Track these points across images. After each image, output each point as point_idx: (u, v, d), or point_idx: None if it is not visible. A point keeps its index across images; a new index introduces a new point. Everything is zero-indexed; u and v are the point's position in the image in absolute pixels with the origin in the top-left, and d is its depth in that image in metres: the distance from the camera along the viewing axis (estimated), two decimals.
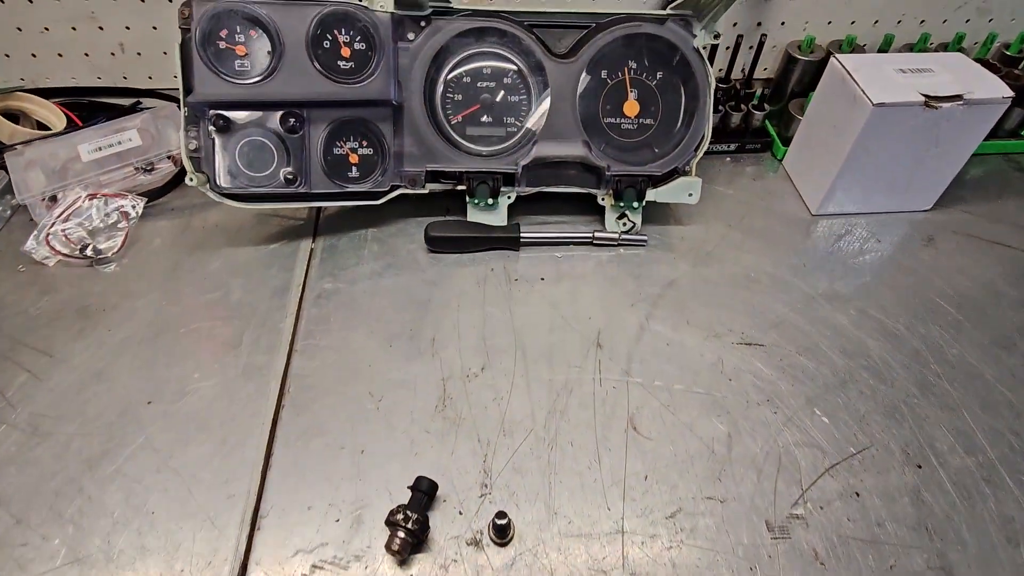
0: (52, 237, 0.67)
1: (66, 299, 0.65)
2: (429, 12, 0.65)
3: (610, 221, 0.72)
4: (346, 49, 0.64)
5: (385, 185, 0.68)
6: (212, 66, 0.60)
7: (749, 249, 0.71)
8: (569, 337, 0.62)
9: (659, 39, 0.66)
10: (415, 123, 0.67)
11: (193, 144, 0.62)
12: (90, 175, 0.70)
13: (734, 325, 0.63)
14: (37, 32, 0.76)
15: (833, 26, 0.81)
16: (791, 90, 0.83)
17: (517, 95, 0.68)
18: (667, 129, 0.70)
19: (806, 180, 0.76)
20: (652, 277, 0.68)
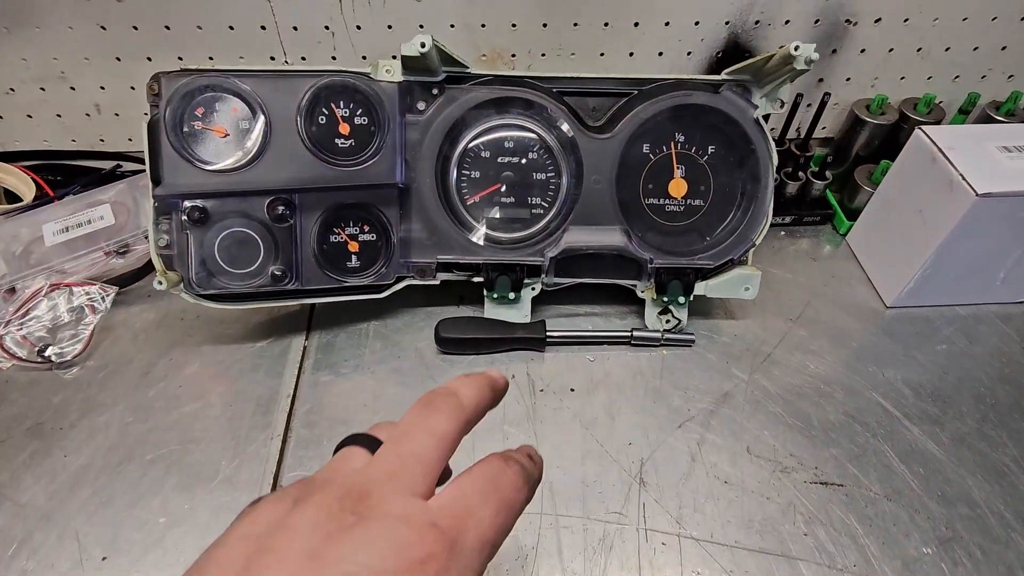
0: (7, 337, 0.58)
1: (19, 413, 0.55)
2: (443, 78, 0.56)
3: (651, 317, 0.62)
4: (345, 125, 0.54)
5: (390, 277, 0.59)
6: (185, 152, 0.51)
7: (816, 351, 0.61)
8: (606, 470, 0.52)
9: (713, 110, 0.56)
10: (425, 207, 0.57)
11: (164, 240, 0.53)
12: (55, 261, 0.61)
13: (805, 456, 0.53)
14: (2, 93, 0.68)
15: (907, 82, 0.71)
16: (856, 153, 0.72)
17: (544, 172, 0.58)
18: (719, 212, 0.59)
19: (879, 266, 0.65)
20: (702, 389, 0.58)
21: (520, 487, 0.28)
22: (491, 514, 0.26)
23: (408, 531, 0.24)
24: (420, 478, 0.26)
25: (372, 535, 0.24)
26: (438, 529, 0.24)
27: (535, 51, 0.67)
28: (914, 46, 0.68)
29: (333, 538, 0.23)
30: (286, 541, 0.24)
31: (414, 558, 0.23)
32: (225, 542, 0.25)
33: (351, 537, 0.23)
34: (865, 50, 0.68)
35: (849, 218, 0.71)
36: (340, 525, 0.24)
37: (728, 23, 0.65)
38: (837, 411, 0.56)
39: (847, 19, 0.65)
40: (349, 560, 0.23)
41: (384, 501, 0.25)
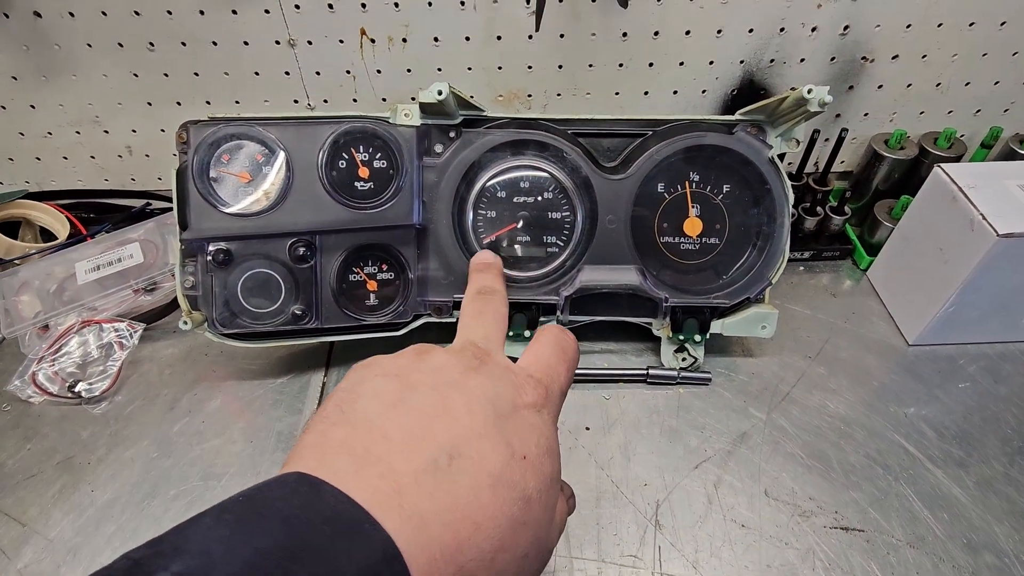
0: (40, 374, 0.60)
1: (49, 447, 0.57)
2: (460, 121, 0.57)
3: (667, 355, 0.62)
4: (364, 169, 0.56)
5: (407, 315, 0.59)
6: (211, 198, 0.53)
7: (836, 390, 0.60)
8: (622, 511, 0.52)
9: (727, 151, 0.57)
10: (441, 246, 0.58)
11: (190, 281, 0.55)
12: (86, 299, 0.63)
13: (824, 500, 0.52)
14: (40, 136, 0.71)
15: (926, 117, 0.70)
16: (875, 188, 0.72)
17: (559, 212, 0.59)
18: (735, 251, 0.59)
19: (901, 303, 0.64)
20: (719, 428, 0.57)
21: (576, 350, 0.37)
22: (565, 370, 0.35)
23: (517, 378, 0.32)
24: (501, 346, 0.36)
25: (495, 376, 0.31)
26: (535, 379, 0.32)
27: (551, 91, 0.68)
28: (933, 81, 0.67)
29: (467, 374, 0.30)
30: (428, 375, 0.30)
31: (525, 398, 0.31)
32: (363, 379, 0.30)
33: (480, 374, 0.30)
34: (883, 86, 0.68)
35: (869, 253, 0.70)
36: (468, 366, 0.31)
37: (743, 62, 0.65)
38: (858, 453, 0.55)
39: (863, 56, 0.65)
40: (484, 389, 0.30)
41: (493, 355, 0.33)
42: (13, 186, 0.75)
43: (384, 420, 0.27)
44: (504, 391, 0.30)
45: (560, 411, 0.34)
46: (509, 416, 0.29)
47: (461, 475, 0.26)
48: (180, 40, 0.63)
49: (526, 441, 0.29)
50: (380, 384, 0.29)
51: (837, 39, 0.64)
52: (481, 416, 0.28)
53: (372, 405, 0.28)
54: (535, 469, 0.28)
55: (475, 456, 0.27)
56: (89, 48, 0.63)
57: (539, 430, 0.30)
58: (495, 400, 0.29)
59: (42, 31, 0.62)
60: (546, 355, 0.34)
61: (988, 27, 0.63)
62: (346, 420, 0.27)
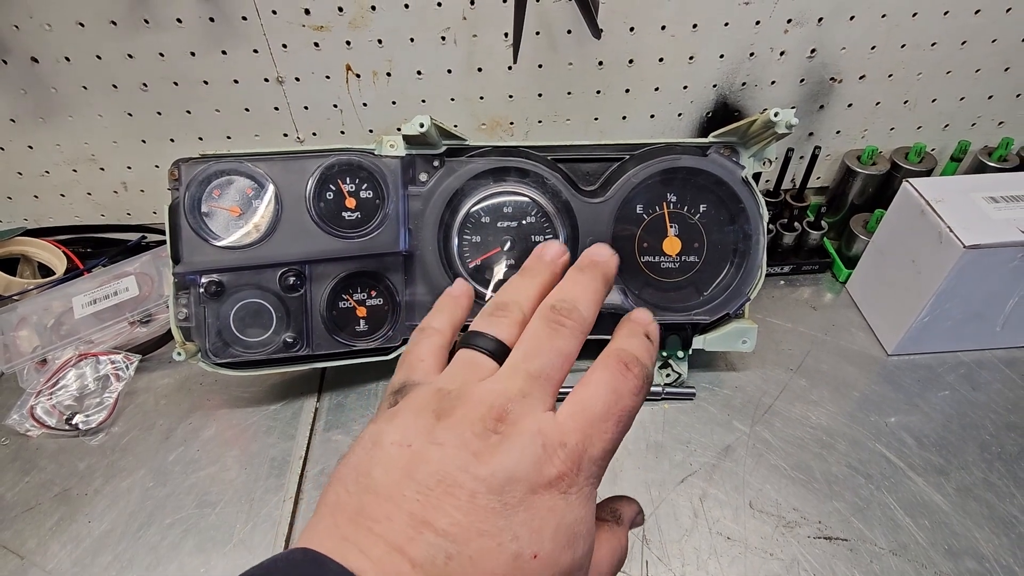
0: (38, 407, 0.61)
1: (47, 480, 0.58)
2: (443, 151, 0.59)
3: None
4: (351, 199, 0.58)
5: (396, 340, 0.61)
6: (202, 232, 0.54)
7: (817, 401, 0.61)
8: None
9: (702, 172, 0.59)
10: (428, 271, 0.60)
11: (183, 313, 0.56)
12: (83, 332, 0.65)
13: (808, 510, 0.53)
14: (38, 175, 0.73)
15: (897, 132, 0.73)
16: (851, 202, 0.74)
17: (542, 235, 0.61)
18: (714, 268, 0.61)
19: (878, 314, 0.66)
20: (704, 443, 0.58)
21: (639, 390, 0.30)
22: (612, 426, 0.28)
23: (543, 451, 0.27)
24: (549, 396, 0.29)
25: (515, 451, 0.27)
26: (567, 448, 0.27)
27: (532, 118, 0.70)
28: (900, 99, 0.70)
29: (481, 456, 0.26)
30: (440, 454, 0.27)
31: (551, 475, 0.26)
32: (380, 443, 0.28)
33: (497, 454, 0.26)
34: (852, 104, 0.70)
35: (848, 266, 0.72)
36: (486, 444, 0.27)
37: (716, 86, 0.68)
38: (840, 463, 0.56)
39: (832, 77, 0.67)
40: (495, 474, 0.26)
41: (521, 419, 0.27)
42: (11, 223, 0.76)
43: (391, 500, 0.26)
44: (521, 472, 0.26)
45: (601, 477, 0.29)
46: (521, 505, 0.26)
47: (459, 573, 0.24)
48: (172, 80, 0.65)
49: (540, 535, 0.26)
50: (393, 454, 0.27)
51: (805, 61, 0.66)
52: (485, 509, 0.25)
53: (381, 478, 0.27)
54: (549, 566, 0.26)
55: (474, 556, 0.25)
56: (84, 90, 0.65)
57: (559, 516, 0.26)
58: (506, 487, 0.26)
59: (39, 75, 0.64)
60: (591, 407, 0.28)
61: (949, 47, 0.66)
62: (360, 491, 0.27)
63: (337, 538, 0.25)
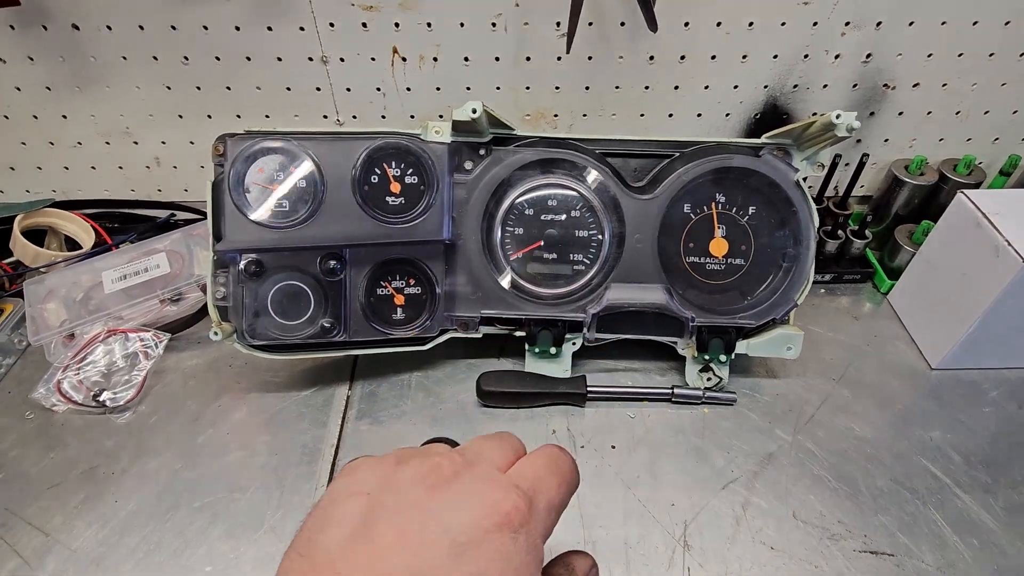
0: (65, 382, 0.60)
1: (73, 457, 0.57)
2: (489, 139, 0.58)
3: (691, 374, 0.62)
4: (396, 184, 0.56)
5: (434, 330, 0.60)
6: (245, 210, 0.53)
7: (860, 413, 0.60)
8: (649, 531, 0.52)
9: (754, 173, 0.57)
10: (470, 262, 0.59)
11: (221, 292, 0.55)
12: (112, 308, 0.64)
13: (853, 523, 0.52)
14: (70, 146, 0.71)
15: (946, 144, 0.71)
16: (895, 212, 0.73)
17: (586, 230, 0.60)
18: (760, 272, 0.60)
19: (923, 327, 0.65)
20: (745, 449, 0.57)
21: (573, 469, 0.33)
22: (556, 484, 0.31)
23: (496, 489, 0.28)
24: (502, 459, 0.31)
25: (468, 490, 0.28)
26: (519, 490, 0.29)
27: (577, 111, 0.69)
28: (953, 109, 0.68)
29: (435, 489, 0.28)
30: (395, 496, 0.28)
31: (503, 511, 0.27)
32: (336, 499, 0.29)
33: (451, 489, 0.28)
34: (903, 113, 0.69)
35: (890, 277, 0.70)
36: (440, 479, 0.29)
37: (767, 87, 0.67)
38: (885, 476, 0.55)
39: (885, 84, 0.66)
40: (450, 509, 0.27)
41: (475, 466, 0.30)
42: (40, 194, 0.75)
43: (341, 556, 0.27)
44: (472, 511, 0.27)
45: (551, 531, 0.30)
46: (472, 544, 0.26)
47: None
48: (214, 55, 0.64)
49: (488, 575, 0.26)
50: (349, 508, 0.28)
51: (860, 66, 0.65)
52: (436, 547, 0.26)
53: (334, 536, 0.28)
54: None
55: None
56: (124, 61, 0.64)
57: (507, 559, 0.27)
58: (456, 525, 0.27)
59: (79, 43, 0.63)
60: (537, 467, 0.31)
61: (1008, 58, 0.64)
62: (309, 551, 0.28)
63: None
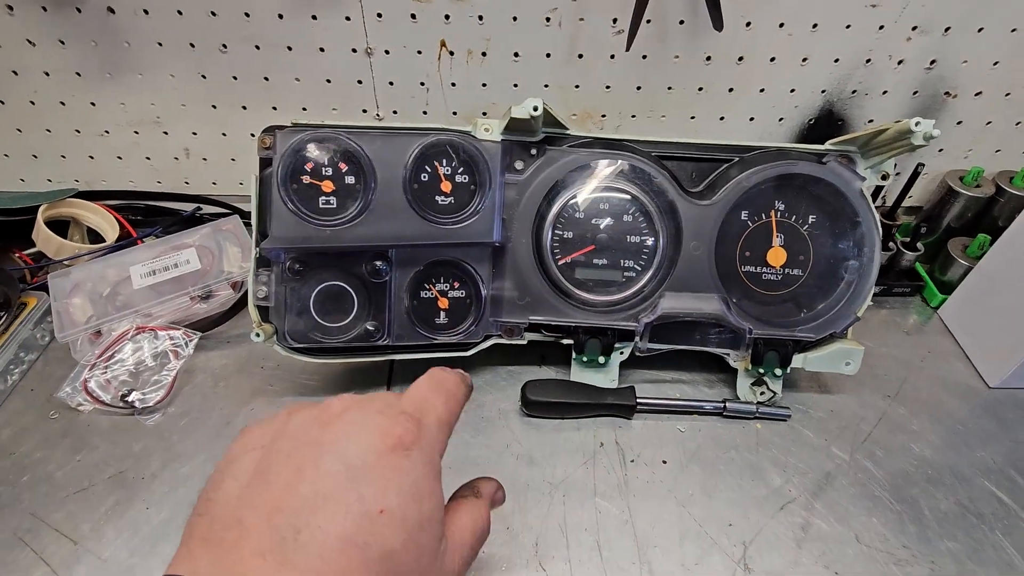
0: (92, 381, 0.57)
1: (101, 460, 0.54)
2: (541, 138, 0.55)
3: (743, 388, 0.60)
4: (447, 183, 0.54)
5: (478, 335, 0.57)
6: (293, 206, 0.51)
7: (918, 431, 0.58)
8: (707, 553, 0.49)
9: (818, 181, 0.55)
10: (518, 266, 0.56)
11: (263, 292, 0.52)
12: (141, 305, 0.61)
13: (918, 548, 0.50)
14: (96, 135, 0.69)
15: (1003, 155, 0.69)
16: (947, 224, 0.71)
17: (638, 235, 0.57)
18: (819, 283, 0.58)
19: (981, 344, 0.63)
20: (801, 468, 0.55)
21: (458, 383, 0.37)
22: (443, 402, 0.34)
23: (384, 417, 0.31)
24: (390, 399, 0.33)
25: (358, 421, 0.30)
26: (406, 414, 0.31)
27: (626, 112, 0.67)
28: (1013, 120, 0.66)
29: (327, 426, 0.30)
30: (288, 441, 0.29)
31: (394, 435, 0.30)
32: (232, 458, 0.30)
33: (341, 423, 0.30)
34: (962, 122, 0.67)
35: (941, 291, 0.68)
36: (330, 416, 0.30)
37: (824, 92, 0.64)
38: (948, 500, 0.53)
39: (947, 91, 0.64)
40: (343, 440, 0.29)
41: (364, 401, 0.32)
42: (63, 184, 0.72)
43: (239, 504, 0.28)
44: (364, 438, 0.29)
45: (444, 446, 0.33)
46: (367, 467, 0.28)
47: (308, 546, 0.26)
48: (254, 43, 0.61)
49: (386, 492, 0.28)
50: (244, 462, 0.29)
51: (922, 73, 0.63)
52: (331, 475, 0.28)
53: (231, 488, 0.28)
54: (397, 520, 0.28)
55: (322, 523, 0.26)
56: (159, 47, 0.62)
57: (404, 474, 0.29)
58: (350, 452, 0.28)
59: (113, 28, 0.60)
60: (421, 390, 0.34)
61: None
62: (207, 508, 0.28)
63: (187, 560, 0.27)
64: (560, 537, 0.50)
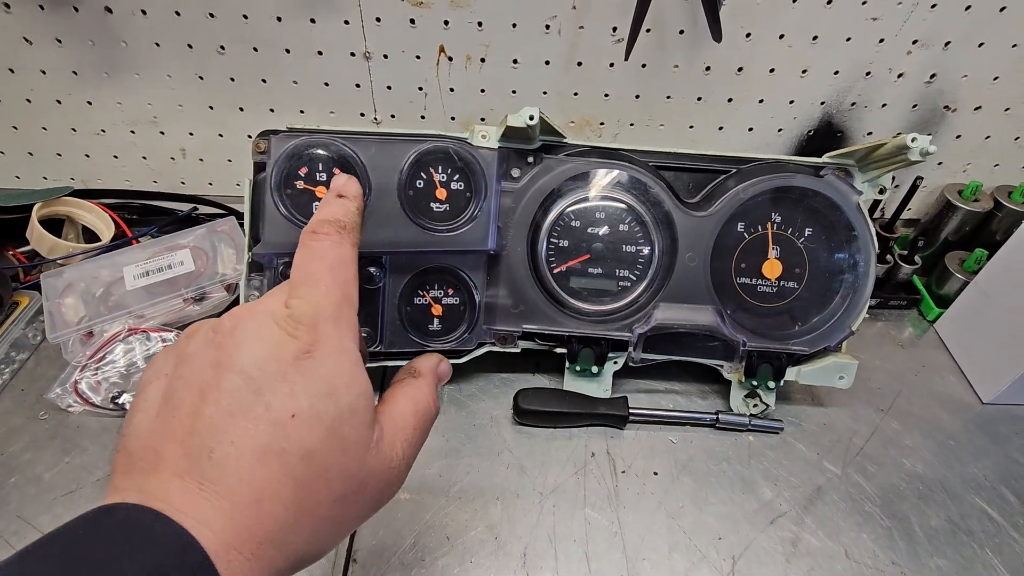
0: (82, 382, 0.57)
1: (90, 462, 0.54)
2: (538, 146, 0.55)
3: (736, 399, 0.59)
4: (442, 190, 0.54)
5: (471, 343, 0.57)
6: (287, 211, 0.50)
7: (911, 446, 0.58)
8: (696, 566, 0.49)
9: (815, 194, 0.55)
10: (513, 274, 0.56)
11: (255, 296, 0.52)
12: (134, 306, 0.61)
13: (909, 566, 0.50)
14: (93, 134, 0.68)
15: (1001, 169, 0.69)
16: (945, 238, 0.71)
17: (634, 245, 0.57)
18: (814, 297, 0.57)
19: (975, 359, 0.63)
20: (793, 482, 0.55)
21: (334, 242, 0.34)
22: (329, 281, 0.32)
23: (276, 329, 0.29)
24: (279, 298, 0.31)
25: (252, 333, 0.29)
26: (295, 321, 0.29)
27: (624, 121, 0.66)
28: (1012, 135, 0.66)
29: (222, 346, 0.29)
30: (188, 365, 0.29)
31: (290, 347, 0.29)
32: (139, 391, 0.30)
33: (234, 339, 0.29)
34: (961, 136, 0.67)
35: (937, 304, 0.68)
36: (223, 334, 0.29)
37: (824, 103, 0.64)
38: (939, 516, 0.53)
39: (946, 105, 0.64)
40: (240, 354, 0.28)
41: (254, 310, 0.30)
42: (58, 182, 0.72)
43: (151, 434, 0.28)
44: (261, 349, 0.28)
45: (351, 324, 0.32)
46: (269, 377, 0.28)
47: (224, 463, 0.26)
48: (252, 45, 0.61)
49: (293, 396, 0.28)
50: (150, 393, 0.30)
51: (922, 86, 0.63)
52: (234, 392, 0.27)
53: (142, 421, 0.29)
54: (311, 420, 0.28)
55: (233, 438, 0.26)
56: (157, 47, 0.61)
57: (309, 375, 0.28)
58: (249, 365, 0.28)
59: (110, 27, 0.60)
60: (302, 279, 0.32)
61: None
62: (123, 445, 0.29)
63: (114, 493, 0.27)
64: (548, 547, 0.50)
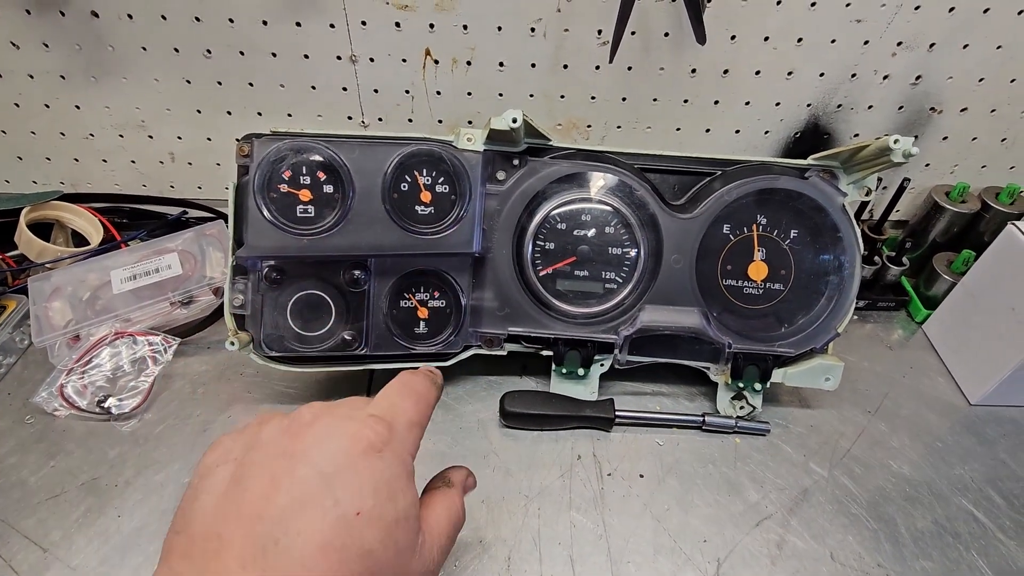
0: (68, 386, 0.57)
1: (75, 466, 0.54)
2: (524, 149, 0.55)
3: (723, 402, 0.59)
4: (427, 193, 0.54)
5: (457, 346, 0.57)
6: (270, 215, 0.50)
7: (898, 448, 0.58)
8: (681, 569, 0.49)
9: (800, 196, 0.55)
10: (498, 277, 0.56)
11: (239, 300, 0.52)
12: (121, 310, 0.61)
13: (893, 567, 0.49)
14: (81, 138, 0.69)
15: (988, 171, 0.69)
16: (933, 239, 0.71)
17: (619, 248, 0.57)
18: (800, 298, 0.57)
19: (962, 360, 0.63)
20: (779, 484, 0.55)
21: (428, 386, 0.37)
22: (412, 404, 0.35)
23: (354, 422, 0.31)
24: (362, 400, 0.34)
25: (329, 428, 0.31)
26: (376, 417, 0.32)
27: (611, 123, 0.66)
28: (999, 136, 0.66)
29: (298, 436, 0.30)
30: (261, 452, 0.30)
31: (364, 438, 0.30)
32: (205, 473, 0.30)
33: (312, 432, 0.30)
34: (947, 137, 0.67)
35: (925, 306, 0.68)
36: (301, 426, 0.31)
37: (810, 105, 0.64)
38: (925, 518, 0.53)
39: (932, 107, 0.64)
40: (315, 447, 0.29)
41: (334, 408, 0.33)
42: (47, 186, 0.72)
43: (216, 517, 0.28)
44: (335, 443, 0.30)
45: (415, 446, 0.34)
46: (340, 471, 0.29)
47: (289, 553, 0.26)
48: (239, 49, 0.61)
49: (360, 494, 0.29)
50: (218, 475, 0.30)
51: (908, 88, 0.63)
52: (306, 482, 0.28)
53: (207, 502, 0.29)
54: (374, 520, 0.29)
55: (301, 529, 0.27)
56: (144, 51, 0.61)
57: (377, 475, 0.30)
58: (322, 458, 0.29)
59: (97, 31, 0.60)
60: (390, 394, 0.35)
61: None
62: (185, 525, 0.29)
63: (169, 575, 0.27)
64: (533, 551, 0.50)
